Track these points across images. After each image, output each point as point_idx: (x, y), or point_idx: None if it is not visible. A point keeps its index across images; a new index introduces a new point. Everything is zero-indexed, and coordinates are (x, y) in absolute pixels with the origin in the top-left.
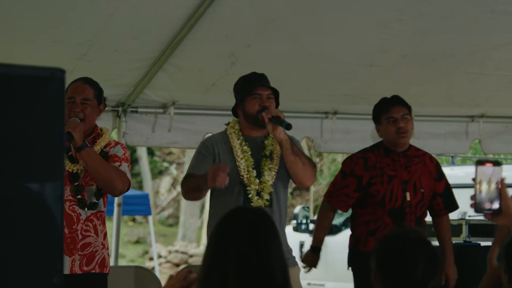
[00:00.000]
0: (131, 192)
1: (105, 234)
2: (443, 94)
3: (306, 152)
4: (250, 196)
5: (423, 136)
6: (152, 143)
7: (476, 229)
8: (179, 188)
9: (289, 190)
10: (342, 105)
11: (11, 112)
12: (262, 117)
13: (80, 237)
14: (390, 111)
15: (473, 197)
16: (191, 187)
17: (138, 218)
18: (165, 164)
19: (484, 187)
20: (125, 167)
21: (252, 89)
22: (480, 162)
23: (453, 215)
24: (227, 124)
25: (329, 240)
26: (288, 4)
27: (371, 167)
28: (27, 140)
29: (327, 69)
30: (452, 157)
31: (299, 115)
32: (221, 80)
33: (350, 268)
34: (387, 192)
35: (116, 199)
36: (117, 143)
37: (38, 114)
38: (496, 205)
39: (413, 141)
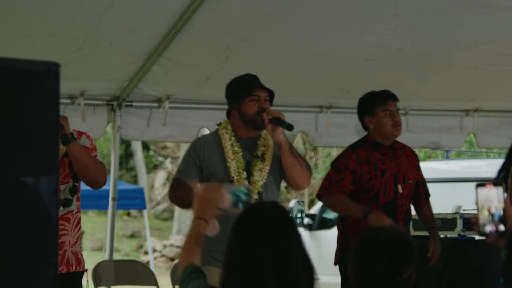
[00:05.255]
0: (126, 186)
1: (79, 234)
2: (438, 88)
3: (300, 146)
4: None
5: (418, 130)
6: (147, 137)
7: (470, 223)
8: None
9: (284, 184)
10: (337, 99)
11: (6, 105)
12: (260, 118)
13: None
14: (388, 104)
15: (475, 220)
16: (181, 199)
17: (133, 212)
18: (160, 158)
19: (486, 209)
20: (100, 157)
21: (250, 91)
22: (480, 185)
23: (448, 209)
24: (219, 125)
25: (323, 234)
26: None
27: (363, 161)
28: (22, 133)
29: (322, 63)
30: (447, 151)
31: (294, 109)
32: (216, 74)
33: (338, 264)
34: (382, 185)
35: (111, 193)
36: (80, 133)
37: (33, 108)
38: (502, 228)
39: (407, 135)
